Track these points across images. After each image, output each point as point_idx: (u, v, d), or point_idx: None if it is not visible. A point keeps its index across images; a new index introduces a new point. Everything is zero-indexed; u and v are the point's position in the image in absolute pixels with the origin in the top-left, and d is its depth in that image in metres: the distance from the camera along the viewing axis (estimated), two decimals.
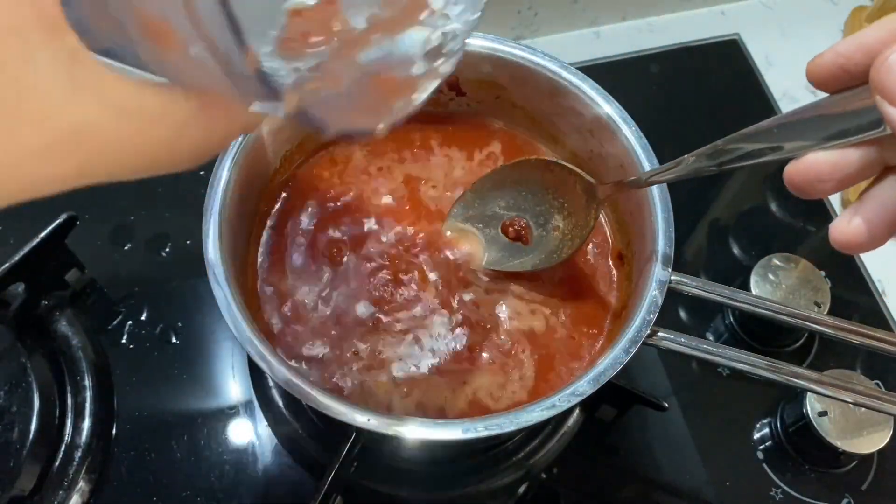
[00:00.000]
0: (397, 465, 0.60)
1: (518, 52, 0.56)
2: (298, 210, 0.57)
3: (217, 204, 0.48)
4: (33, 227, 0.61)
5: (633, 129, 0.52)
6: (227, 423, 0.61)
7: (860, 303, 0.69)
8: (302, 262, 0.55)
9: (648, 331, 0.45)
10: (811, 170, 0.33)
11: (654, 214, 0.49)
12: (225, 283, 0.45)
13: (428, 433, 0.41)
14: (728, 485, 0.60)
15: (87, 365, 0.62)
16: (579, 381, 0.43)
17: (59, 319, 0.63)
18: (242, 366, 0.64)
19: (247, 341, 0.43)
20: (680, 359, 0.65)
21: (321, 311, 0.53)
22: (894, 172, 0.32)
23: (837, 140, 0.32)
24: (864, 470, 0.61)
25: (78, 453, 0.58)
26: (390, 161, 0.60)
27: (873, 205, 0.33)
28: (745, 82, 0.82)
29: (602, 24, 0.88)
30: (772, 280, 0.64)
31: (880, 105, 0.29)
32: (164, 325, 0.65)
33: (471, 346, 0.51)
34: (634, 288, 0.51)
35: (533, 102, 0.59)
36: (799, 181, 0.33)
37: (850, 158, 0.32)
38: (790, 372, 0.46)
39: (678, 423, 0.63)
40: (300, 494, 0.58)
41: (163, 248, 0.70)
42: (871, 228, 0.33)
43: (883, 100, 0.29)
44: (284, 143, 0.56)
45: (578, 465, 0.61)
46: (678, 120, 0.78)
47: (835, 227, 0.33)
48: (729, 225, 0.74)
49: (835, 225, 0.33)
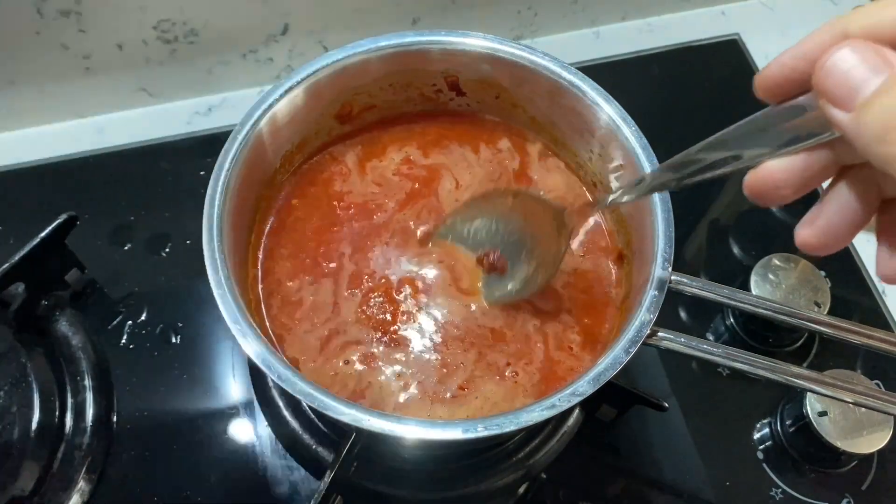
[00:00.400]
0: (397, 465, 0.60)
1: (518, 52, 0.56)
2: (298, 210, 0.57)
3: (217, 204, 0.48)
4: (33, 227, 0.61)
5: (633, 130, 0.52)
6: (227, 423, 0.61)
7: (860, 303, 0.69)
8: (302, 262, 0.55)
9: (648, 331, 0.45)
10: (769, 178, 0.33)
11: (653, 215, 0.49)
12: (225, 283, 0.45)
13: (428, 433, 0.41)
14: (728, 485, 0.60)
15: (87, 365, 0.62)
16: (579, 381, 0.43)
17: (59, 319, 0.63)
18: (242, 366, 0.64)
19: (246, 341, 0.43)
20: (680, 359, 0.65)
21: (321, 310, 0.53)
22: (850, 172, 0.33)
23: (791, 146, 0.33)
24: (864, 470, 0.61)
25: (78, 453, 0.58)
26: (390, 161, 0.60)
27: (833, 206, 0.33)
28: (745, 82, 0.81)
29: (602, 24, 0.88)
30: (772, 280, 0.64)
31: (824, 108, 0.30)
32: (164, 325, 0.65)
33: (474, 349, 0.52)
34: (634, 288, 0.51)
35: (533, 102, 0.59)
36: (758, 189, 0.34)
37: (805, 163, 0.32)
38: (790, 372, 0.46)
39: (678, 423, 0.63)
40: (300, 494, 0.58)
41: (163, 248, 0.70)
42: (832, 229, 0.33)
43: (826, 102, 0.29)
44: (284, 143, 0.56)
45: (579, 466, 0.61)
46: (678, 120, 0.78)
47: (799, 231, 0.34)
48: (729, 225, 0.74)
49: (799, 229, 0.34)
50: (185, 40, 0.75)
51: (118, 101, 0.79)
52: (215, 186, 0.49)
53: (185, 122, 0.80)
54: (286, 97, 0.53)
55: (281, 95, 0.53)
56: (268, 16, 0.75)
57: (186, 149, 0.77)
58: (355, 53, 0.55)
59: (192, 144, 0.77)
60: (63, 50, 0.72)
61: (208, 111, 0.81)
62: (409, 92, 0.60)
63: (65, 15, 0.69)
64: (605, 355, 0.44)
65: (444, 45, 0.56)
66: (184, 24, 0.73)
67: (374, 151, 0.60)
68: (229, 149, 0.50)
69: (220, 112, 0.81)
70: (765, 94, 0.35)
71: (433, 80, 0.59)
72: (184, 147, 0.77)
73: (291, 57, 0.80)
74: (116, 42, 0.73)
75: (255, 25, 0.76)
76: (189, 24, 0.73)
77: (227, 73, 0.80)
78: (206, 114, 0.81)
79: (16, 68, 0.73)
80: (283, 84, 0.53)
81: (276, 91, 0.53)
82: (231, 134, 0.51)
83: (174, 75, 0.78)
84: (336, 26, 0.78)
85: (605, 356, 0.44)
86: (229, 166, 0.50)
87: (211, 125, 0.79)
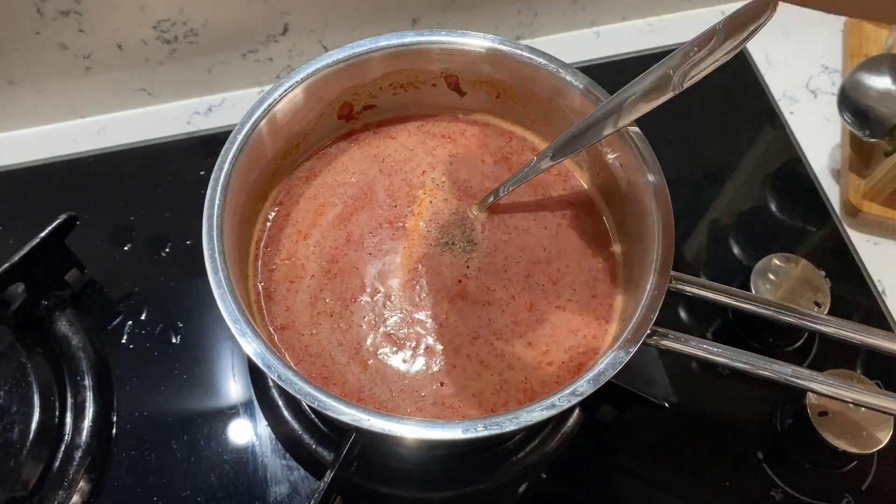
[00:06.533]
0: (397, 465, 0.60)
1: (518, 52, 0.56)
2: (299, 209, 0.57)
3: (217, 204, 0.48)
4: (33, 227, 0.61)
5: (633, 129, 0.52)
6: (227, 423, 0.61)
7: (860, 303, 0.69)
8: (302, 261, 0.55)
9: (648, 331, 0.45)
10: None
11: (654, 215, 0.49)
12: (225, 283, 0.45)
13: (428, 433, 0.41)
14: (728, 485, 0.60)
15: (87, 365, 0.62)
16: (579, 380, 0.43)
17: (59, 319, 0.63)
18: (242, 366, 0.64)
19: (246, 341, 0.43)
20: (680, 359, 0.65)
21: (321, 310, 0.53)
22: None
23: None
24: (864, 470, 0.61)
25: (78, 453, 0.58)
26: (390, 160, 0.60)
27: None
28: (745, 82, 0.82)
29: (602, 24, 0.88)
30: (772, 280, 0.64)
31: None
32: (164, 325, 0.65)
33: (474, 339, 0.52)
34: (635, 288, 0.51)
35: (533, 102, 0.59)
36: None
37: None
38: (790, 372, 0.46)
39: (678, 423, 0.63)
40: (300, 494, 0.58)
41: (163, 248, 0.70)
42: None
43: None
44: (284, 142, 0.56)
45: (578, 465, 0.61)
46: (678, 120, 0.78)
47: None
48: (729, 225, 0.74)
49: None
50: (185, 40, 0.75)
51: (118, 101, 0.80)
52: (215, 186, 0.49)
53: (185, 122, 0.80)
54: (286, 97, 0.53)
55: (281, 95, 0.53)
56: (268, 16, 0.75)
57: (186, 149, 0.77)
58: (355, 53, 0.55)
59: (192, 144, 0.77)
60: (63, 50, 0.72)
61: (208, 111, 0.81)
62: (409, 92, 0.60)
63: (65, 15, 0.69)
64: (605, 355, 0.44)
65: (444, 45, 0.56)
66: (184, 24, 0.73)
67: (375, 151, 0.60)
68: (229, 149, 0.50)
69: (220, 112, 0.81)
70: None
71: (433, 79, 0.59)
72: (184, 147, 0.77)
73: (291, 57, 0.80)
74: (116, 42, 0.73)
75: (255, 25, 0.76)
76: (189, 24, 0.73)
77: (227, 73, 0.80)
78: (206, 114, 0.81)
79: (16, 68, 0.73)
80: (283, 84, 0.54)
81: (276, 91, 0.53)
82: (231, 134, 0.51)
83: (174, 75, 0.78)
84: (336, 26, 0.78)
85: (605, 356, 0.44)
86: (229, 166, 0.50)
87: (211, 125, 0.79)
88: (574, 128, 0.50)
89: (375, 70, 0.57)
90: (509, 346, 0.52)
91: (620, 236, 0.56)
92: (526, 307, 0.53)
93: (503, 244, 0.56)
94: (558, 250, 0.56)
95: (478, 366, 0.51)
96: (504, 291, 0.54)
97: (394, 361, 0.51)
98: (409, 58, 0.57)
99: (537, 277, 0.54)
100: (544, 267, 0.55)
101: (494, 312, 0.53)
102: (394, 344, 0.51)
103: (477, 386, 0.50)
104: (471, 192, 0.58)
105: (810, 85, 0.83)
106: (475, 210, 0.57)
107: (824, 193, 0.75)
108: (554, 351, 0.52)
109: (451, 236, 0.56)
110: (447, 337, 0.52)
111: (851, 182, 0.73)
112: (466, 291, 0.53)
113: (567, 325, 0.53)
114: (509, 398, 0.50)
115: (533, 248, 0.56)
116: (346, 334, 0.52)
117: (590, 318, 0.53)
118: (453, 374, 0.50)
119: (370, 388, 0.50)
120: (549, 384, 0.50)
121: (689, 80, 0.42)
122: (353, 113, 0.60)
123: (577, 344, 0.52)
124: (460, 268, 0.54)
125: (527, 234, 0.56)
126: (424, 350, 0.51)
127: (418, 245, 0.55)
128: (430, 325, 0.52)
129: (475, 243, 0.56)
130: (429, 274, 0.54)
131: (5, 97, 0.75)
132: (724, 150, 0.78)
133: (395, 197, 0.58)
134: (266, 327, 0.52)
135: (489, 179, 0.59)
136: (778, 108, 0.80)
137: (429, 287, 0.53)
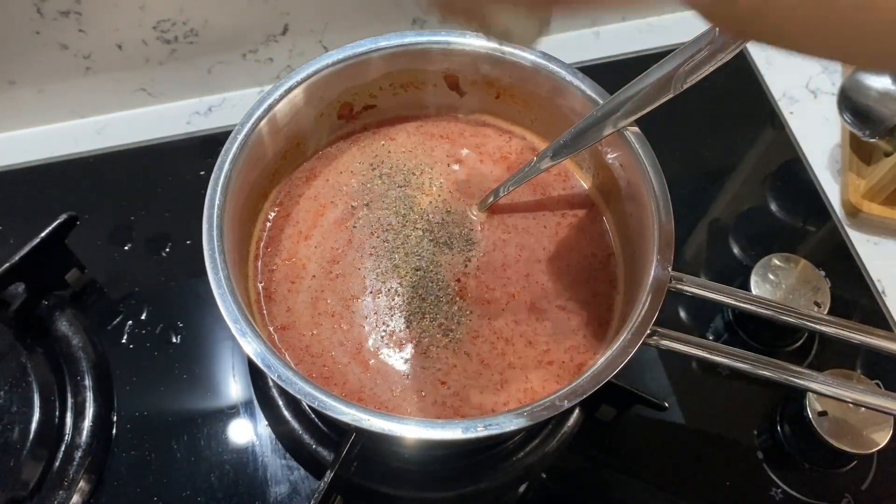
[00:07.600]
0: (397, 465, 0.60)
1: (518, 51, 0.56)
2: (299, 209, 0.57)
3: (217, 204, 0.48)
4: (33, 227, 0.61)
5: (633, 129, 0.52)
6: (227, 423, 0.61)
7: (860, 303, 0.69)
8: (303, 262, 0.55)
9: (648, 331, 0.45)
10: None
11: (654, 215, 0.49)
12: (225, 283, 0.45)
13: (428, 433, 0.41)
14: (728, 485, 0.60)
15: (87, 365, 0.62)
16: (579, 380, 0.43)
17: (59, 319, 0.63)
18: (242, 366, 0.64)
19: (246, 341, 0.43)
20: (680, 359, 0.65)
21: (322, 310, 0.53)
22: None
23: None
24: (864, 470, 0.61)
25: (78, 453, 0.58)
26: (391, 160, 0.60)
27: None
28: (745, 82, 0.82)
29: (602, 24, 0.88)
30: (772, 280, 0.64)
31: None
32: (164, 325, 0.65)
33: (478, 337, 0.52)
34: (634, 288, 0.51)
35: (533, 102, 0.59)
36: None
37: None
38: (790, 372, 0.46)
39: (678, 423, 0.63)
40: (300, 494, 0.58)
41: (163, 248, 0.70)
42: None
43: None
44: (284, 142, 0.56)
45: (579, 465, 0.61)
46: (678, 120, 0.78)
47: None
48: (729, 225, 0.74)
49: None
50: (185, 40, 0.75)
51: (118, 101, 0.79)
52: (215, 186, 0.49)
53: (185, 122, 0.80)
54: (286, 97, 0.53)
55: (281, 95, 0.53)
56: (268, 16, 0.75)
57: (186, 149, 0.77)
58: (355, 53, 0.55)
59: (192, 144, 0.77)
60: (63, 50, 0.72)
61: (208, 111, 0.81)
62: (409, 92, 0.60)
63: (65, 15, 0.69)
64: (605, 355, 0.44)
65: (444, 45, 0.57)
66: (184, 24, 0.73)
67: (375, 151, 0.60)
68: (229, 149, 0.50)
69: (220, 112, 0.81)
70: None
71: (433, 79, 0.59)
72: (184, 147, 0.77)
73: (291, 57, 0.80)
74: (116, 42, 0.73)
75: (255, 25, 0.76)
76: (189, 24, 0.73)
77: (226, 73, 0.80)
78: (205, 114, 0.81)
79: (16, 68, 0.73)
80: (283, 84, 0.54)
81: (276, 91, 0.53)
82: (231, 134, 0.51)
83: (174, 75, 0.78)
84: (336, 26, 0.78)
85: (605, 356, 0.44)
86: (229, 166, 0.50)
87: (211, 125, 0.79)
88: (574, 128, 0.50)
89: (375, 70, 0.57)
90: (509, 346, 0.52)
91: (620, 236, 0.56)
92: (526, 306, 0.53)
93: (503, 243, 0.56)
94: (558, 250, 0.56)
95: (478, 365, 0.51)
96: (504, 291, 0.54)
97: (395, 361, 0.51)
98: (409, 58, 0.57)
99: (537, 277, 0.54)
100: (544, 266, 0.55)
101: (494, 312, 0.53)
102: (395, 344, 0.51)
103: (477, 385, 0.50)
104: (470, 193, 0.58)
105: (810, 85, 0.83)
106: (475, 210, 0.57)
107: (824, 193, 0.75)
108: (554, 350, 0.52)
109: (451, 236, 0.56)
110: (448, 336, 0.52)
111: (851, 182, 0.73)
112: (466, 291, 0.53)
113: (567, 325, 0.53)
114: (509, 398, 0.50)
115: (533, 247, 0.56)
116: (347, 334, 0.52)
117: (590, 318, 0.53)
118: (454, 373, 0.50)
119: (371, 388, 0.50)
120: (549, 384, 0.50)
121: (689, 80, 0.42)
122: (353, 113, 0.60)
123: (577, 344, 0.52)
124: (460, 267, 0.54)
125: (527, 233, 0.57)
126: (425, 350, 0.51)
127: (418, 245, 0.55)
128: (430, 325, 0.52)
129: (475, 243, 0.56)
130: (429, 274, 0.54)
131: (5, 97, 0.75)
132: (724, 150, 0.78)
133: (395, 197, 0.58)
134: (266, 327, 0.52)
135: (489, 180, 0.59)
136: (778, 108, 0.80)
137: (429, 287, 0.53)
